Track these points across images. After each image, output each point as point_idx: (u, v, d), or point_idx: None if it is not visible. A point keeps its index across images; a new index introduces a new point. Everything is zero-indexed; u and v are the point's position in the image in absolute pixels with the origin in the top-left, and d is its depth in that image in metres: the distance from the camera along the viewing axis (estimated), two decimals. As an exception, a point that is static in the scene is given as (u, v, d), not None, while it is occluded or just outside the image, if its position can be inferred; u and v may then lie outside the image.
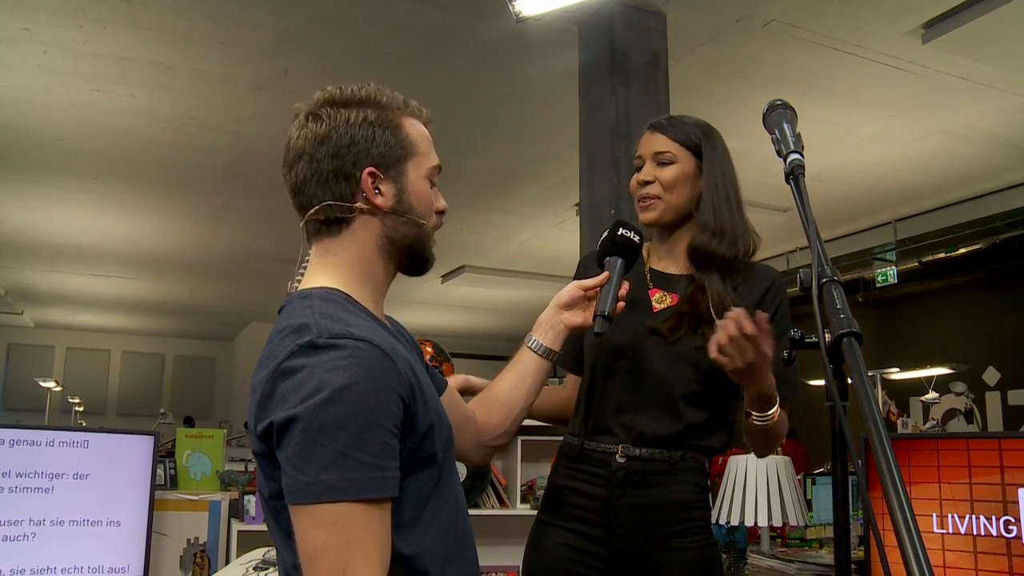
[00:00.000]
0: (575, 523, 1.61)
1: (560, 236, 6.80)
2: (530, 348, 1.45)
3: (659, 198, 1.65)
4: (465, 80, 4.40)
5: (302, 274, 1.22)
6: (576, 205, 5.95)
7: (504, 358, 1.68)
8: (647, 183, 1.65)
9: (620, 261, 1.50)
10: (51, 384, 8.61)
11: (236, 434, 6.86)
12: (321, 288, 1.15)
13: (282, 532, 1.08)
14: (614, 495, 1.58)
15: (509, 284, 8.35)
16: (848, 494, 0.83)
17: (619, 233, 1.52)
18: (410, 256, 1.21)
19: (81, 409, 9.84)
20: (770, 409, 1.50)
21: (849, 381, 0.79)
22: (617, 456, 1.59)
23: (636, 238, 1.53)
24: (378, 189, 1.16)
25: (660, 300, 1.66)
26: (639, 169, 1.69)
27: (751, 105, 4.64)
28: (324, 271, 1.17)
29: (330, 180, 1.15)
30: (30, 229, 7.39)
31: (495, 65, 4.24)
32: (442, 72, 4.32)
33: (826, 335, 0.83)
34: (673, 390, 1.60)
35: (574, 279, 1.73)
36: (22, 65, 4.25)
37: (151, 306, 11.15)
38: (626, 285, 1.49)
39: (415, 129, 1.20)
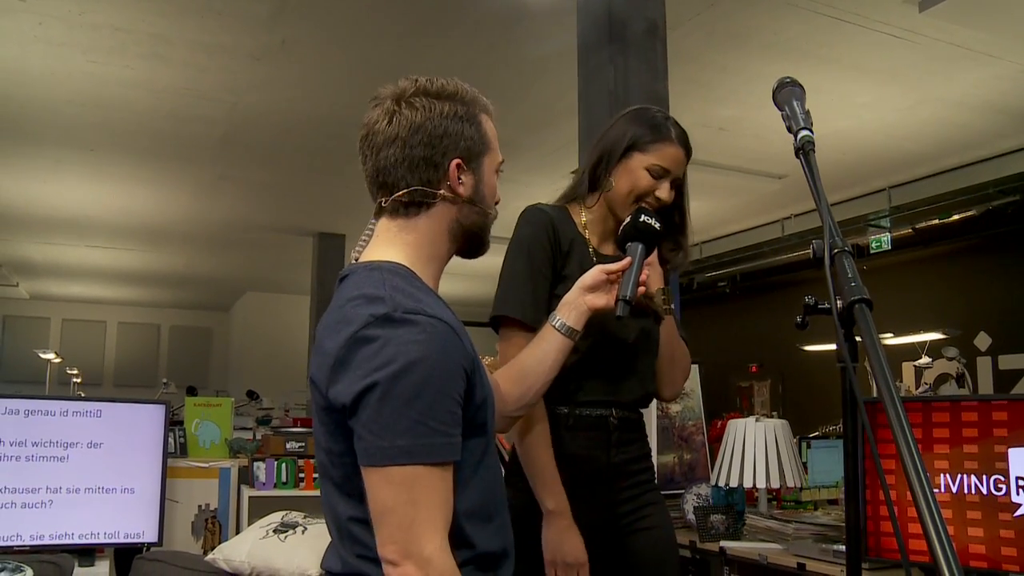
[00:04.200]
0: (581, 488, 1.71)
1: (556, 205, 6.83)
2: (554, 327, 1.52)
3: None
4: (463, 49, 4.40)
5: (363, 245, 1.29)
6: (573, 173, 5.96)
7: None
8: (664, 202, 1.71)
9: (641, 247, 1.57)
10: (50, 356, 8.62)
11: (238, 403, 6.92)
12: (388, 262, 1.21)
13: (336, 486, 1.17)
14: (611, 454, 1.75)
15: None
16: (857, 451, 0.89)
17: (641, 220, 1.59)
18: (471, 241, 1.31)
19: (79, 381, 9.87)
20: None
21: (858, 339, 0.85)
22: (611, 418, 1.75)
23: (657, 225, 1.60)
24: (460, 179, 1.25)
25: None
26: (658, 177, 1.70)
27: (748, 73, 4.66)
28: (393, 246, 1.24)
29: (420, 166, 1.22)
30: (25, 201, 7.38)
31: (493, 34, 4.24)
32: (440, 41, 4.32)
33: (838, 302, 0.88)
34: (641, 357, 1.78)
35: (541, 236, 1.76)
36: (18, 36, 4.23)
37: (147, 277, 11.15)
38: (646, 271, 1.58)
39: (489, 126, 1.30)
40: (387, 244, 1.25)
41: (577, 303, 1.53)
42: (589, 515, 1.71)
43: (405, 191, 1.23)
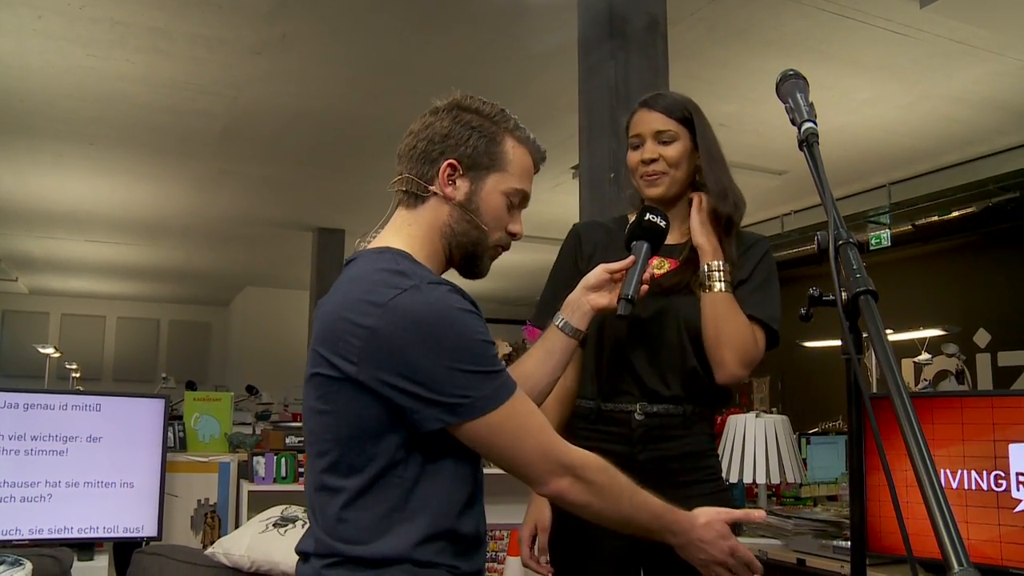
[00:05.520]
0: None
1: (557, 199, 6.82)
2: (558, 327, 1.54)
3: (665, 174, 1.74)
4: (464, 44, 4.39)
5: (376, 233, 1.35)
6: (573, 168, 5.96)
7: (500, 321, 1.77)
8: (652, 161, 1.73)
9: (646, 246, 1.57)
10: (50, 350, 8.61)
11: (238, 397, 6.93)
12: (395, 248, 1.27)
13: (319, 456, 1.22)
14: (635, 451, 1.69)
15: (505, 248, 8.35)
16: (863, 444, 0.89)
17: (646, 218, 1.60)
18: (464, 257, 1.34)
19: (78, 375, 9.86)
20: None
21: (864, 335, 0.84)
22: (636, 414, 1.70)
23: (662, 223, 1.60)
24: (453, 182, 1.30)
25: (659, 266, 1.74)
26: (636, 147, 1.77)
27: (748, 69, 4.65)
28: (398, 235, 1.31)
29: (417, 159, 1.31)
30: (25, 195, 7.37)
31: (494, 29, 4.23)
32: (441, 36, 4.31)
33: (843, 294, 0.88)
34: (681, 349, 1.70)
35: (565, 248, 1.85)
36: (17, 30, 4.22)
37: (146, 271, 11.14)
38: (650, 270, 1.58)
39: (516, 152, 1.35)
40: (394, 233, 1.31)
41: (580, 303, 1.54)
42: None
43: (399, 178, 1.32)
